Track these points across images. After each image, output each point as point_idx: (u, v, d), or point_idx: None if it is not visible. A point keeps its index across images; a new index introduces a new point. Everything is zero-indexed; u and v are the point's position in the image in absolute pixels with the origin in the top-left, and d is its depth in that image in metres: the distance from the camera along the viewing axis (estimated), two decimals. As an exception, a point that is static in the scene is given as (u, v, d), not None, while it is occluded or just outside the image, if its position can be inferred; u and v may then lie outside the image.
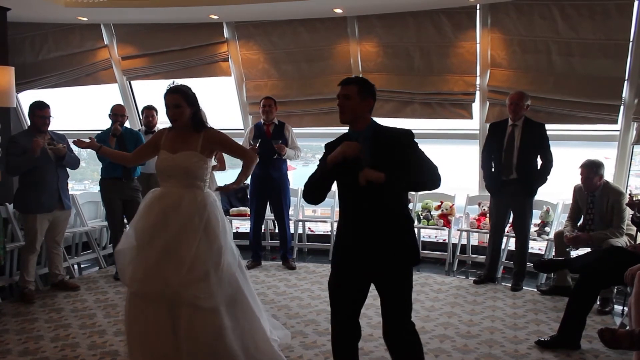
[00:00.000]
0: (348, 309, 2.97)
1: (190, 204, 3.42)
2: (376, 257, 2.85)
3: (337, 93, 2.95)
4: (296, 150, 6.21)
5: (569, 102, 5.91)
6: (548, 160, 5.35)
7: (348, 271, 2.94)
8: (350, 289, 2.94)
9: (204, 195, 3.52)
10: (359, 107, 2.90)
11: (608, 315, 4.70)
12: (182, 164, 3.45)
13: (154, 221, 3.39)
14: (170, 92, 3.49)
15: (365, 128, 2.91)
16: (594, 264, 4.10)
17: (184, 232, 3.36)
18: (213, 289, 3.34)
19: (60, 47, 7.58)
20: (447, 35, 6.40)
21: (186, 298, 3.29)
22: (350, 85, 2.92)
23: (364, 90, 2.91)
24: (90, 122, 7.96)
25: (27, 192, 5.09)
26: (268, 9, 6.36)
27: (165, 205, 3.41)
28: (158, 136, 3.64)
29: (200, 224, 3.41)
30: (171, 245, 3.34)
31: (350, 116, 2.92)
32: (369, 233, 2.85)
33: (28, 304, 4.98)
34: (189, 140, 3.51)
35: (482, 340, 4.19)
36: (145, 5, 6.36)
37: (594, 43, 5.75)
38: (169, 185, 3.48)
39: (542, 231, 5.82)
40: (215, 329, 3.33)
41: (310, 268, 6.23)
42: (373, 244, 2.85)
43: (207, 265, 3.36)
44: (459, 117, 6.54)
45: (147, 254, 3.35)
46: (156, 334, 3.32)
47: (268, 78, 7.20)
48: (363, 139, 2.88)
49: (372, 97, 2.94)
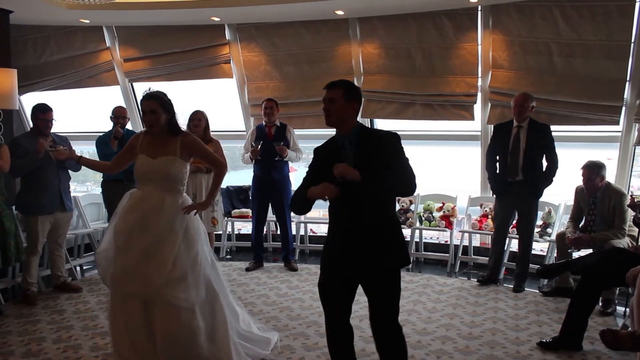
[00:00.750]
0: (337, 309, 3.01)
1: (172, 207, 3.54)
2: (362, 259, 2.87)
3: (323, 96, 2.98)
4: (297, 152, 6.22)
5: (571, 103, 5.91)
6: (553, 162, 5.36)
7: (335, 272, 2.99)
8: (338, 289, 2.99)
9: (184, 199, 3.65)
10: (344, 110, 2.93)
11: (610, 317, 4.70)
12: (163, 168, 3.55)
13: (133, 223, 3.48)
14: (146, 98, 3.58)
15: (350, 132, 2.93)
16: (595, 265, 4.09)
17: (166, 234, 3.47)
18: (190, 289, 3.45)
19: (62, 49, 7.59)
20: (448, 37, 6.41)
21: (164, 297, 3.39)
22: (335, 88, 2.95)
23: (349, 93, 2.94)
24: (93, 124, 7.98)
25: (29, 194, 5.11)
26: (269, 10, 6.37)
27: (146, 207, 3.50)
28: (134, 141, 3.73)
29: (181, 227, 3.53)
30: (152, 247, 3.43)
31: (336, 119, 2.95)
32: (355, 235, 2.88)
33: (30, 306, 4.99)
34: (166, 144, 3.60)
35: (483, 342, 4.18)
36: (147, 8, 6.37)
37: (595, 44, 5.74)
38: (148, 189, 3.57)
39: (544, 232, 5.82)
40: (190, 328, 3.43)
41: (312, 269, 6.23)
42: (359, 246, 2.87)
43: (185, 267, 3.46)
44: (460, 119, 6.54)
45: (126, 255, 3.44)
46: (136, 329, 3.44)
47: (270, 80, 7.21)
48: (349, 143, 2.92)
49: (357, 100, 2.98)
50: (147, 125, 3.57)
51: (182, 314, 3.41)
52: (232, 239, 7.23)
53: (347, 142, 2.92)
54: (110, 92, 7.81)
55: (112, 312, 3.56)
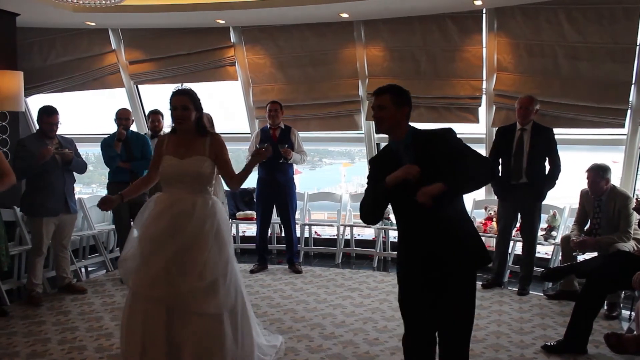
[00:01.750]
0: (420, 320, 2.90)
1: (203, 209, 3.41)
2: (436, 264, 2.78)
3: (372, 104, 2.91)
4: (302, 154, 6.22)
5: (576, 106, 5.89)
6: (556, 165, 5.34)
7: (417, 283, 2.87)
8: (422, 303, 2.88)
9: (214, 200, 3.52)
10: (395, 116, 2.84)
11: (615, 320, 4.68)
12: (194, 169, 3.43)
13: (163, 229, 3.36)
14: (178, 93, 3.49)
15: (404, 136, 2.86)
16: (600, 269, 4.08)
17: (196, 238, 3.35)
18: (220, 295, 3.35)
19: (68, 51, 7.62)
20: (453, 40, 6.40)
21: (192, 306, 3.29)
22: (383, 95, 2.86)
23: (399, 98, 2.86)
24: (98, 126, 8.00)
25: (34, 196, 5.12)
26: (274, 13, 6.39)
27: (175, 212, 3.38)
28: (159, 145, 3.61)
29: (212, 230, 3.40)
30: (182, 251, 3.32)
31: (388, 126, 2.87)
32: (428, 240, 2.79)
33: (35, 307, 5.01)
34: (195, 145, 3.49)
35: (488, 345, 4.18)
36: (153, 10, 6.40)
37: (600, 47, 5.73)
38: (177, 191, 3.45)
39: (549, 235, 5.80)
40: (218, 335, 3.34)
41: (316, 272, 6.23)
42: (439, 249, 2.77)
43: (217, 273, 3.35)
44: (465, 121, 6.53)
45: (156, 260, 3.32)
46: (154, 335, 3.31)
47: (274, 82, 7.22)
48: (405, 147, 2.84)
49: (407, 104, 2.89)
50: (177, 120, 3.46)
51: (211, 321, 3.32)
52: (236, 241, 7.24)
53: (402, 146, 2.85)
54: (116, 94, 7.85)
55: (128, 314, 3.39)
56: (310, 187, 7.92)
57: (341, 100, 6.97)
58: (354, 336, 4.35)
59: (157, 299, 3.31)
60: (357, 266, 6.57)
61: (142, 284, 3.34)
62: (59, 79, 7.67)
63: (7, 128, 6.44)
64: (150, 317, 3.31)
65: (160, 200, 3.49)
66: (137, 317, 3.35)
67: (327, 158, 10.26)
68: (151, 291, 3.32)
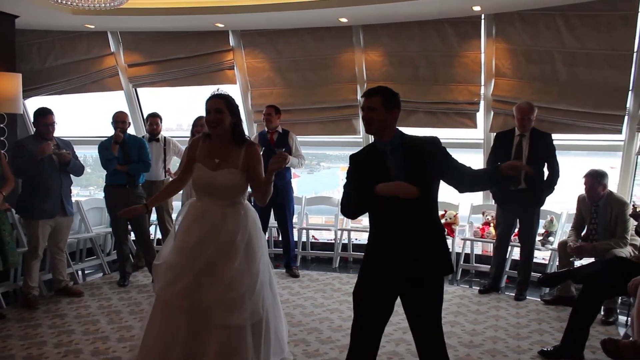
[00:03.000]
0: (373, 321, 2.94)
1: (234, 220, 3.34)
2: (409, 267, 2.81)
3: (362, 105, 2.92)
4: (300, 158, 6.22)
5: (573, 112, 5.91)
6: (554, 170, 5.36)
7: (377, 282, 2.90)
8: (378, 300, 2.90)
9: (246, 209, 3.44)
10: (385, 118, 2.85)
11: (612, 326, 4.69)
12: (224, 183, 3.33)
13: (195, 240, 3.31)
14: (214, 97, 3.39)
15: (390, 139, 2.88)
16: (597, 275, 4.09)
17: (226, 251, 3.29)
18: (246, 309, 3.28)
19: (67, 54, 7.63)
20: (451, 45, 6.42)
21: (218, 318, 3.24)
22: (374, 96, 2.86)
23: (388, 100, 2.86)
24: (97, 128, 8.00)
25: (30, 198, 5.12)
26: (274, 17, 6.40)
27: (208, 222, 3.32)
28: (192, 148, 3.50)
29: (242, 241, 3.34)
30: (212, 263, 3.27)
31: (377, 128, 2.87)
32: (403, 244, 2.81)
33: (32, 310, 4.99)
34: (229, 154, 3.38)
35: (485, 350, 4.17)
36: (152, 14, 6.41)
37: (598, 53, 5.75)
38: (208, 200, 3.38)
39: (546, 241, 5.81)
40: (240, 347, 3.28)
41: (313, 276, 6.23)
42: (407, 255, 2.80)
43: (245, 287, 3.29)
44: (463, 127, 6.55)
45: (186, 272, 3.27)
46: (175, 344, 3.25)
47: (273, 86, 7.23)
48: (391, 150, 2.86)
49: (397, 107, 2.89)
50: (210, 124, 3.34)
51: (234, 332, 3.25)
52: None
53: (389, 149, 2.86)
54: (116, 97, 7.84)
55: (151, 319, 3.36)
56: (308, 191, 7.93)
57: (339, 104, 6.98)
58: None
59: (183, 309, 3.27)
60: (355, 270, 6.56)
61: (170, 294, 3.29)
62: (57, 81, 7.67)
63: (5, 130, 6.44)
64: (173, 325, 3.27)
65: (193, 208, 3.43)
66: (160, 324, 3.32)
67: (325, 162, 10.26)
68: (179, 301, 3.27)
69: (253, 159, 3.40)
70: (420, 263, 2.81)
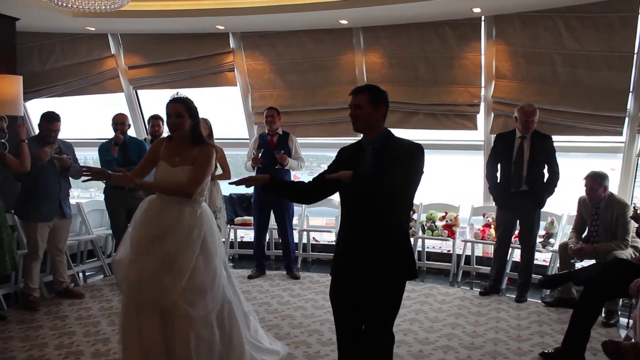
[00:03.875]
0: (350, 318, 2.97)
1: (191, 217, 3.45)
2: (367, 268, 2.83)
3: (349, 103, 2.96)
4: (299, 160, 6.22)
5: (574, 114, 5.91)
6: (555, 172, 5.36)
7: (345, 279, 2.95)
8: (350, 297, 2.94)
9: (203, 210, 3.56)
10: (371, 115, 2.90)
11: (613, 328, 4.68)
12: (182, 179, 3.43)
13: (151, 232, 3.40)
14: (173, 101, 3.52)
15: (375, 137, 2.92)
16: (598, 276, 4.08)
17: (184, 244, 3.38)
18: (207, 300, 3.38)
19: (67, 56, 7.64)
20: (451, 47, 6.42)
21: (181, 309, 3.31)
22: (360, 94, 2.92)
23: (375, 98, 2.90)
24: (98, 130, 8.00)
25: (28, 200, 5.12)
26: (274, 19, 6.41)
27: (165, 217, 3.42)
28: (156, 146, 3.63)
29: (199, 237, 3.44)
30: (170, 257, 3.35)
31: (363, 125, 2.92)
32: (362, 243, 2.84)
33: (33, 312, 4.99)
34: (187, 153, 3.50)
35: (485, 352, 4.17)
36: (152, 16, 6.42)
37: (598, 55, 5.75)
38: (167, 198, 3.48)
39: (547, 242, 5.81)
40: (207, 340, 3.37)
41: (314, 278, 6.23)
42: (365, 254, 2.83)
43: (204, 277, 3.39)
44: (463, 128, 6.55)
45: (144, 264, 3.35)
46: (151, 340, 3.35)
47: (273, 88, 7.24)
48: (372, 147, 2.90)
49: (384, 105, 2.93)
50: (171, 128, 3.49)
51: (199, 325, 3.34)
52: (234, 247, 7.23)
53: (370, 147, 2.91)
54: (116, 99, 7.85)
55: (124, 321, 3.45)
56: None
57: (340, 106, 6.96)
58: (351, 342, 4.34)
59: (146, 305, 3.36)
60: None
61: (131, 287, 3.39)
62: (58, 83, 7.68)
63: (6, 132, 6.42)
64: (145, 321, 3.36)
65: (151, 203, 3.53)
66: (131, 324, 3.40)
67: (326, 164, 10.23)
68: (139, 295, 3.37)
69: (198, 157, 3.47)
70: (376, 264, 2.81)
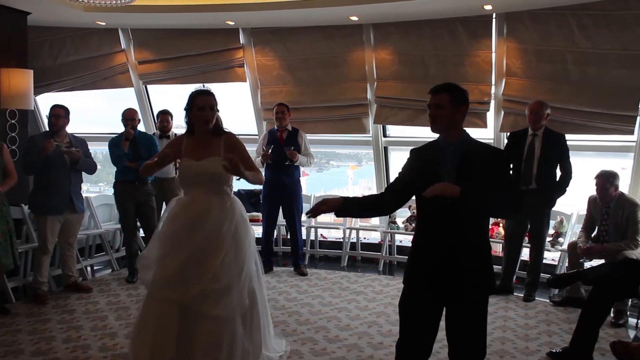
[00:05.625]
0: (419, 332, 2.78)
1: (220, 210, 3.43)
2: (452, 281, 2.68)
3: (428, 102, 2.81)
4: (309, 157, 6.22)
5: (585, 112, 5.86)
6: (567, 172, 5.32)
7: (422, 291, 2.76)
8: (424, 310, 2.76)
9: (232, 200, 3.55)
10: (453, 116, 2.75)
11: (622, 328, 4.65)
12: (209, 169, 3.42)
13: (180, 228, 3.38)
14: (206, 93, 3.51)
15: (457, 140, 2.76)
16: (607, 276, 4.05)
17: (212, 240, 3.36)
18: (233, 299, 3.33)
19: (78, 50, 7.65)
20: (462, 44, 6.39)
21: (206, 308, 3.28)
22: (441, 93, 2.77)
23: (457, 97, 2.77)
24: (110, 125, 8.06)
25: (39, 194, 5.16)
26: (284, 15, 6.40)
27: (193, 212, 3.40)
28: (177, 143, 3.61)
29: (229, 231, 3.41)
30: (199, 252, 3.33)
31: (444, 126, 2.77)
32: (446, 254, 2.68)
33: (41, 305, 5.03)
34: (210, 145, 3.50)
35: (493, 351, 4.15)
36: (162, 11, 6.42)
37: (610, 53, 5.69)
38: (194, 192, 3.47)
39: (556, 242, 5.77)
40: (229, 338, 3.32)
41: (321, 275, 6.23)
42: (449, 267, 2.67)
43: (232, 276, 3.34)
44: (473, 126, 6.49)
45: (171, 260, 3.34)
46: (164, 335, 3.31)
47: (283, 84, 7.23)
48: (453, 150, 2.75)
49: (465, 104, 2.79)
50: (206, 121, 3.46)
51: (223, 324, 3.30)
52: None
53: (452, 149, 2.75)
54: (127, 93, 7.88)
55: (142, 313, 3.44)
56: (317, 189, 7.94)
57: (349, 103, 6.96)
58: (358, 340, 4.34)
59: (170, 300, 3.32)
60: (363, 269, 6.56)
61: (155, 285, 3.37)
62: (68, 77, 7.69)
63: (16, 126, 6.48)
64: (163, 317, 3.32)
65: (180, 201, 3.54)
66: (150, 316, 3.38)
67: (335, 160, 10.27)
68: (164, 292, 3.33)
69: (234, 146, 3.54)
70: (459, 280, 2.67)
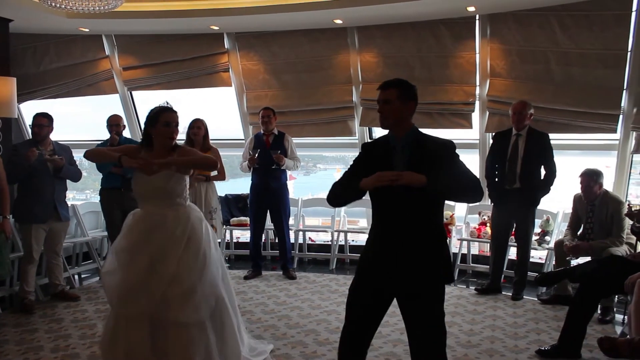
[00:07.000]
0: (363, 320, 2.83)
1: (174, 220, 3.44)
2: (407, 270, 2.69)
3: (377, 97, 2.84)
4: (295, 160, 6.22)
5: (568, 112, 5.93)
6: (551, 171, 5.36)
7: (372, 280, 2.79)
8: (371, 299, 2.80)
9: (187, 208, 3.55)
10: (400, 111, 2.77)
11: (609, 324, 4.69)
12: (160, 185, 3.42)
13: (135, 240, 3.39)
14: (171, 110, 3.52)
15: (405, 134, 2.78)
16: (594, 273, 4.09)
17: (167, 247, 3.36)
18: (200, 302, 3.34)
19: (61, 57, 7.60)
20: (446, 46, 6.43)
21: (172, 314, 3.27)
22: (389, 89, 2.80)
23: (405, 93, 2.79)
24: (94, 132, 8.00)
25: (23, 202, 5.12)
26: (268, 19, 6.40)
27: (148, 223, 3.42)
28: (135, 151, 3.54)
29: (183, 234, 3.41)
30: (155, 262, 3.33)
31: (392, 121, 2.79)
32: (403, 243, 2.70)
33: (28, 315, 4.97)
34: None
35: (482, 350, 4.18)
36: (146, 17, 6.40)
37: (592, 53, 5.77)
38: (149, 206, 3.48)
39: (542, 240, 5.82)
40: (203, 344, 3.32)
41: (310, 278, 6.22)
42: (406, 255, 2.69)
43: (193, 278, 3.34)
44: (459, 127, 6.56)
45: (129, 273, 3.33)
46: (137, 353, 3.28)
47: (268, 88, 7.23)
48: (402, 145, 2.77)
49: (413, 100, 2.82)
50: (171, 138, 3.48)
51: (194, 331, 3.30)
52: (230, 247, 7.22)
53: (401, 145, 2.77)
54: (112, 100, 7.82)
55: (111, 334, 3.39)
56: (304, 192, 7.93)
57: (335, 106, 6.98)
58: (348, 342, 4.34)
59: (136, 315, 3.30)
60: (352, 272, 6.55)
61: (120, 298, 3.34)
62: (52, 85, 7.64)
63: (-1, 134, 6.43)
64: (134, 333, 3.30)
65: (135, 215, 3.53)
66: (121, 335, 3.34)
67: (321, 164, 10.28)
68: (129, 306, 3.31)
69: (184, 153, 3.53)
70: (415, 269, 2.69)
